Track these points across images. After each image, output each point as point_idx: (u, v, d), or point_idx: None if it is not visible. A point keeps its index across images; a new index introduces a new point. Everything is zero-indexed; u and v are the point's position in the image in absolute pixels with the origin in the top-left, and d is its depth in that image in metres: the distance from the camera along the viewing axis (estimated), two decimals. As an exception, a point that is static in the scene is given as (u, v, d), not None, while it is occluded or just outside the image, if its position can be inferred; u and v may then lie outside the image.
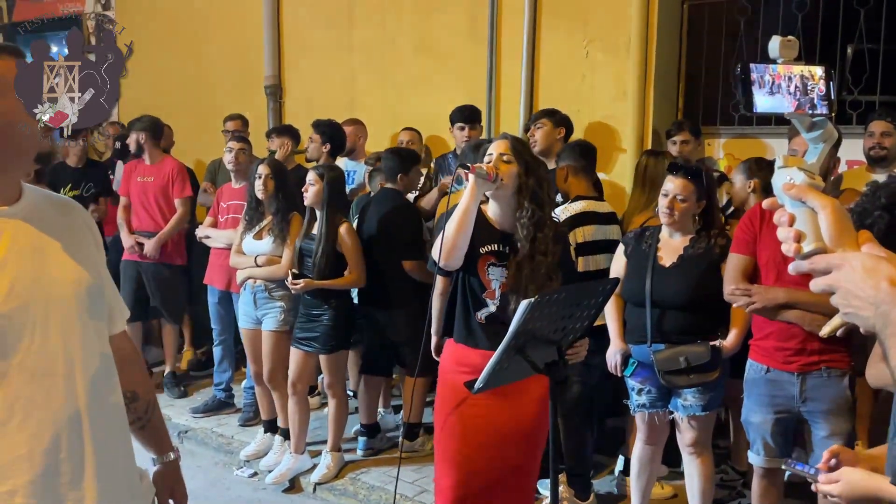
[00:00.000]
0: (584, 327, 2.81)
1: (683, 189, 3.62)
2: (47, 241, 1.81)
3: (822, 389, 3.33)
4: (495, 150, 3.12)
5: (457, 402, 3.13)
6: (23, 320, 1.72)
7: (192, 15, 7.74)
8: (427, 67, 6.42)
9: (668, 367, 3.59)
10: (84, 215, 1.98)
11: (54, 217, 1.86)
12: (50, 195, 1.95)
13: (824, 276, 1.15)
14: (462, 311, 3.18)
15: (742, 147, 5.36)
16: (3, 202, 1.77)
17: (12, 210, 1.78)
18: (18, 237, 1.76)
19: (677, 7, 5.61)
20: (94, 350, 1.85)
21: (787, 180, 1.23)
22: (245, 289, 5.03)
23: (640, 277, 3.70)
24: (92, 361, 1.83)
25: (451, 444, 3.17)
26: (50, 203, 1.89)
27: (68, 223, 1.88)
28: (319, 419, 5.41)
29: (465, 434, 3.14)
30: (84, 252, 1.88)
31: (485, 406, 3.09)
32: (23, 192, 1.83)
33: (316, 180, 4.62)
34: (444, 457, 3.21)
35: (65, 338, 1.78)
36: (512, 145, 3.14)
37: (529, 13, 5.85)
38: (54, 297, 1.77)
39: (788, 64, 1.29)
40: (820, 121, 1.32)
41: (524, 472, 3.28)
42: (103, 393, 1.85)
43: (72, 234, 1.87)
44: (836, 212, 1.17)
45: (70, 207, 1.94)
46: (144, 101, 7.93)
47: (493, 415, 3.13)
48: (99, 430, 1.81)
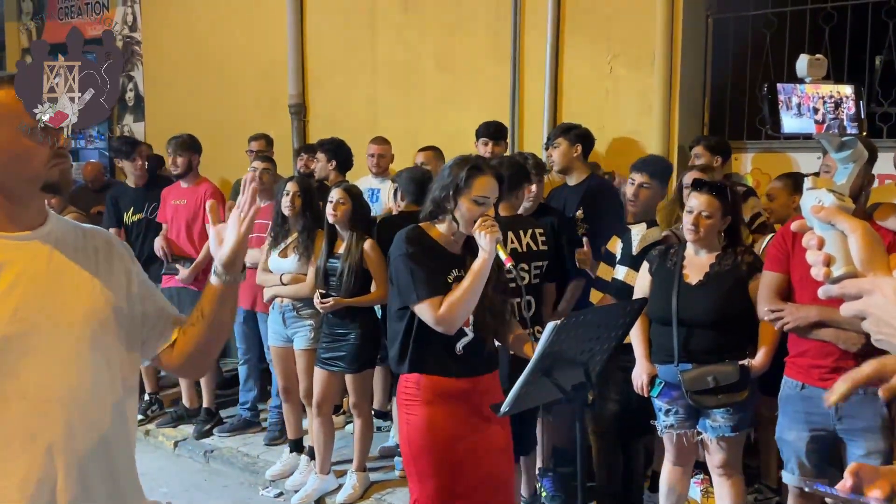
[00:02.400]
0: (610, 348, 2.79)
1: (708, 205, 3.57)
2: (64, 268, 1.81)
3: (859, 407, 3.25)
4: (487, 214, 2.96)
5: (444, 435, 3.02)
6: (24, 345, 1.71)
7: (218, 35, 7.81)
8: (450, 86, 6.42)
9: (696, 387, 3.53)
10: (113, 244, 1.96)
11: (76, 245, 1.86)
12: (77, 225, 1.95)
13: (855, 301, 1.12)
14: (439, 345, 3.01)
15: (770, 162, 5.30)
16: (26, 227, 1.78)
17: (32, 235, 1.79)
18: (34, 262, 1.77)
19: (702, 21, 5.57)
20: (103, 379, 1.82)
21: (815, 202, 1.20)
22: (273, 308, 5.05)
23: (666, 295, 3.65)
24: (98, 390, 1.80)
25: (442, 479, 3.06)
26: (74, 231, 1.90)
27: (91, 251, 1.88)
28: (344, 438, 5.39)
29: (454, 468, 3.04)
30: (105, 281, 1.86)
31: (471, 440, 3.05)
32: (48, 219, 1.84)
33: (345, 199, 4.62)
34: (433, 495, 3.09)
35: (67, 366, 1.76)
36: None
37: (552, 29, 5.83)
38: (62, 324, 1.76)
39: (817, 83, 1.26)
40: (849, 140, 1.29)
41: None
42: (109, 422, 1.82)
43: (93, 262, 1.86)
44: (866, 235, 1.13)
45: (96, 235, 1.94)
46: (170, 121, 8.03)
47: (479, 443, 3.08)
48: (96, 462, 1.78)
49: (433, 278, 2.93)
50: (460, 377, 3.04)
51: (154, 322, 1.97)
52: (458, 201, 2.96)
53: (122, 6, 8.59)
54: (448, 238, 3.05)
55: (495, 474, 3.11)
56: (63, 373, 1.75)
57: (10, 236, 1.77)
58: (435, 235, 3.06)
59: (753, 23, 5.40)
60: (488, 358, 3.14)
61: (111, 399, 1.84)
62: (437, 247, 3.04)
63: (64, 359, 1.76)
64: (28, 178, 1.75)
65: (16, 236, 1.77)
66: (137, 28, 8.53)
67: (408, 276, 2.95)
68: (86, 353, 1.78)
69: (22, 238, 1.78)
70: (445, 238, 3.05)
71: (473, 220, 2.92)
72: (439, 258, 3.01)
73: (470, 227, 2.94)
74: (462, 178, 2.96)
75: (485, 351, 3.08)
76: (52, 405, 1.74)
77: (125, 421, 1.89)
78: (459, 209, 2.96)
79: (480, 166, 3.02)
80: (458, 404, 3.03)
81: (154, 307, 1.98)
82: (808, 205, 1.20)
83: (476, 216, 2.92)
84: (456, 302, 2.88)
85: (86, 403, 1.77)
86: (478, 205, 2.94)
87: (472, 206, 2.94)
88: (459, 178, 2.96)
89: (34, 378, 1.72)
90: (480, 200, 2.95)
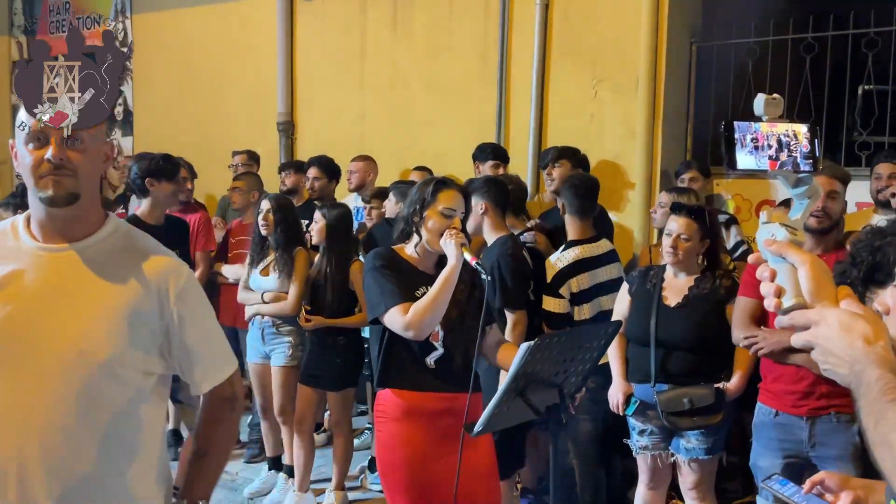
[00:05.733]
0: (585, 370, 2.81)
1: (687, 228, 3.62)
2: (83, 285, 1.77)
3: (832, 435, 3.29)
4: (454, 224, 3.02)
5: (413, 453, 3.02)
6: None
7: (208, 52, 7.86)
8: (437, 106, 6.48)
9: (672, 408, 3.57)
10: (167, 269, 1.87)
11: (116, 264, 1.81)
12: (136, 242, 1.89)
13: (803, 331, 1.16)
14: (409, 359, 3.04)
15: (750, 188, 5.37)
16: (69, 239, 1.78)
17: (71, 246, 1.78)
18: (51, 278, 1.75)
19: (686, 47, 5.65)
20: (76, 409, 1.76)
21: (769, 236, 1.24)
22: (253, 324, 5.04)
23: (645, 317, 3.69)
24: (65, 419, 1.74)
25: (413, 498, 3.05)
26: (124, 249, 1.85)
27: (129, 274, 1.82)
28: (324, 457, 5.39)
29: (426, 488, 3.03)
30: (124, 308, 1.80)
31: (446, 460, 3.01)
32: (98, 231, 1.82)
33: (319, 218, 4.66)
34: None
35: (30, 387, 1.72)
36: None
37: (539, 53, 5.91)
38: (40, 350, 1.73)
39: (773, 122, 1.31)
40: (805, 177, 1.33)
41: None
42: (80, 454, 1.77)
43: (121, 286, 1.80)
44: (814, 268, 1.18)
45: (147, 256, 1.86)
46: (158, 136, 8.05)
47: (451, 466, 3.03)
48: (58, 483, 1.74)
49: (401, 288, 2.97)
50: (435, 391, 3.04)
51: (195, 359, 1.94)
52: (424, 215, 3.02)
53: (114, 21, 8.63)
54: (419, 258, 3.10)
55: (474, 498, 3.04)
56: (24, 393, 1.72)
57: (46, 247, 1.77)
58: (406, 255, 3.11)
59: (736, 51, 5.49)
60: (465, 376, 3.14)
61: (92, 431, 1.78)
62: (407, 265, 3.08)
63: (27, 378, 1.73)
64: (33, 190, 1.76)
65: (50, 247, 1.77)
66: (129, 43, 8.56)
67: (377, 289, 3.00)
68: (53, 381, 1.73)
69: (56, 249, 1.76)
70: (416, 259, 3.10)
71: (440, 232, 2.98)
72: (409, 274, 3.05)
73: (436, 239, 2.99)
74: (429, 192, 3.04)
75: (459, 368, 3.08)
76: (4, 425, 1.71)
77: (112, 449, 1.83)
78: (427, 223, 3.02)
79: (446, 181, 3.14)
80: (430, 422, 3.02)
81: (184, 364, 1.94)
82: (762, 238, 1.25)
83: (443, 228, 2.98)
84: (424, 307, 2.89)
85: (44, 429, 1.73)
86: (444, 217, 3.00)
87: (440, 217, 3.00)
88: (426, 192, 3.05)
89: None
90: (447, 213, 3.00)
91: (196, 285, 1.96)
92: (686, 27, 5.63)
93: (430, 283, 2.99)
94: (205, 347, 1.95)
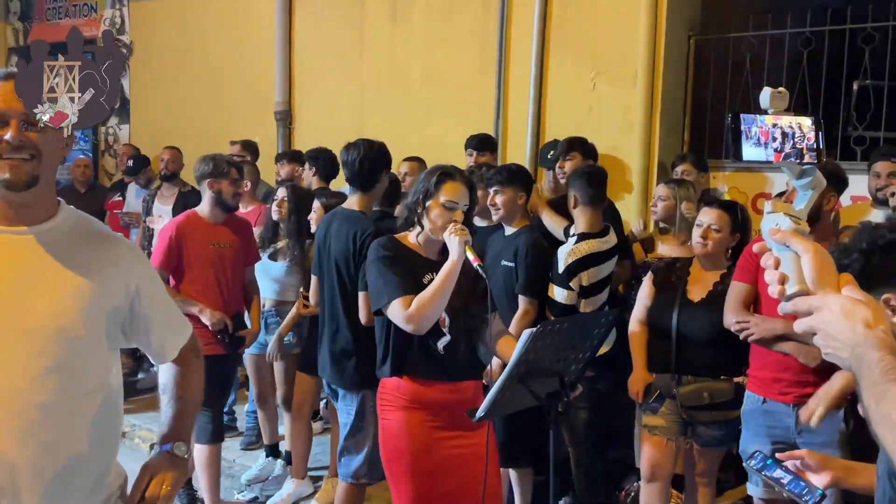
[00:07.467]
0: (585, 358, 2.85)
1: (719, 220, 3.65)
2: (48, 269, 1.80)
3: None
4: (456, 218, 3.02)
5: (419, 440, 3.06)
6: None
7: (205, 41, 7.85)
8: (435, 97, 6.50)
9: (692, 402, 3.61)
10: (124, 252, 1.95)
11: (77, 248, 1.85)
12: (98, 229, 1.95)
13: (806, 317, 1.20)
14: (420, 345, 3.06)
15: (747, 181, 5.39)
16: (27, 222, 1.80)
17: (30, 230, 1.80)
18: (18, 259, 1.78)
19: (684, 41, 5.68)
20: (53, 386, 1.79)
21: (773, 225, 1.28)
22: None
23: (668, 309, 3.71)
24: (39, 397, 1.77)
25: (416, 485, 3.08)
26: (81, 233, 1.89)
27: (93, 257, 1.86)
28: (322, 444, 5.43)
29: (430, 474, 3.07)
30: (98, 286, 1.85)
31: (450, 447, 3.08)
32: (55, 216, 1.85)
33: (318, 207, 4.69)
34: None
35: (12, 369, 1.75)
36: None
37: (537, 45, 5.93)
38: (18, 328, 1.76)
39: (778, 114, 1.34)
40: (809, 168, 1.37)
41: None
42: (54, 438, 1.80)
43: (87, 268, 1.84)
44: (817, 256, 1.22)
45: (105, 240, 1.93)
46: (154, 124, 8.06)
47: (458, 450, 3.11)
48: (37, 472, 1.77)
49: (404, 279, 2.98)
50: (443, 381, 3.08)
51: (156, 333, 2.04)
52: (427, 206, 3.03)
53: (111, 8, 8.62)
54: (422, 246, 3.12)
55: (474, 484, 3.09)
56: (4, 371, 1.75)
57: (5, 229, 1.79)
58: (409, 243, 3.13)
59: (734, 45, 5.51)
60: (472, 364, 3.18)
61: (67, 407, 1.82)
62: (410, 253, 3.10)
63: (9, 360, 1.75)
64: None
65: (12, 230, 1.79)
66: (125, 31, 8.55)
67: (379, 280, 3.02)
68: (41, 359, 1.77)
69: (17, 232, 1.79)
70: (420, 247, 3.12)
71: (442, 224, 2.99)
72: (413, 262, 3.07)
73: (439, 231, 3.00)
74: (432, 183, 3.05)
75: (465, 355, 3.11)
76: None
77: (96, 427, 1.88)
78: (429, 213, 3.03)
79: (451, 172, 3.11)
80: (436, 410, 3.07)
81: (151, 337, 2.04)
82: (766, 227, 1.29)
83: (446, 220, 2.99)
84: (425, 301, 2.91)
85: (14, 407, 1.75)
86: (447, 209, 3.01)
87: (442, 210, 3.01)
88: (430, 183, 3.05)
89: None
90: (449, 205, 3.01)
91: (147, 261, 2.10)
92: (684, 21, 5.65)
93: (436, 269, 3.01)
94: (164, 318, 2.06)
